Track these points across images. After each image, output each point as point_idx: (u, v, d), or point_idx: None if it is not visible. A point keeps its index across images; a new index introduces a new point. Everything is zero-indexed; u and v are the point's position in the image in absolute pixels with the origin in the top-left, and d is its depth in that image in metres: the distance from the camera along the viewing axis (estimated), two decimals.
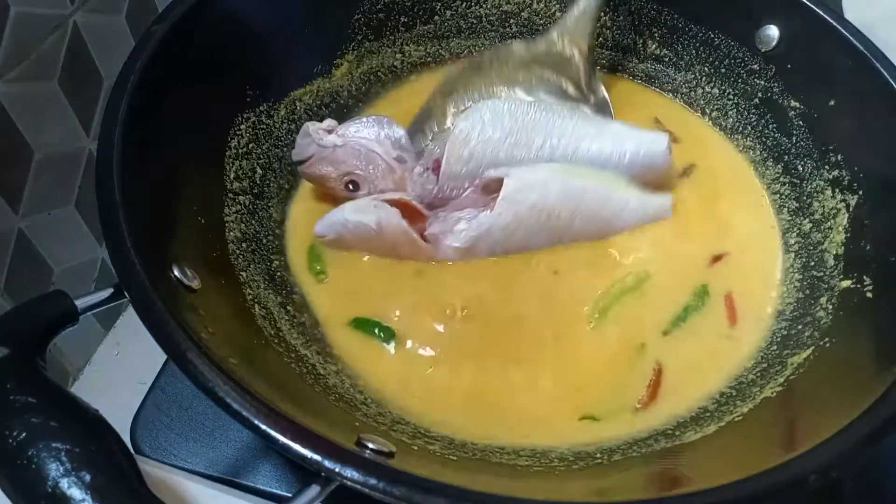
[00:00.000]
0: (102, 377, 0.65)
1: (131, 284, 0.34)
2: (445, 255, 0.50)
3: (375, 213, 0.48)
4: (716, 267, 0.52)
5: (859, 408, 0.34)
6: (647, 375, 0.46)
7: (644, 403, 0.45)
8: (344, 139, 0.50)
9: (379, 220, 0.48)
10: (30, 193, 0.56)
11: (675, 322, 0.49)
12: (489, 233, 0.49)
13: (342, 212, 0.49)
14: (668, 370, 0.47)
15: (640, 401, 0.45)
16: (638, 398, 0.45)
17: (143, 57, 0.43)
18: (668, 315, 0.49)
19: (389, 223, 0.48)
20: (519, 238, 0.49)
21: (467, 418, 0.44)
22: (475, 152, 0.49)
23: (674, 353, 0.48)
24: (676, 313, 0.49)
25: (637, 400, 0.45)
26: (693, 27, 0.62)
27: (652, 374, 0.46)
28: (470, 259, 0.50)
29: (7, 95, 0.51)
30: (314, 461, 0.29)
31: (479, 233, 0.48)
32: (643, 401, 0.45)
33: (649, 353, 0.47)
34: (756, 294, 0.51)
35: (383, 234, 0.48)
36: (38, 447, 0.28)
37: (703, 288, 0.51)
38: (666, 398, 0.46)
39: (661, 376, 0.46)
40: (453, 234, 0.49)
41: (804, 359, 0.45)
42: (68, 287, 0.37)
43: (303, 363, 0.44)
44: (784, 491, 0.31)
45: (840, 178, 0.52)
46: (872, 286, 0.45)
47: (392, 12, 0.63)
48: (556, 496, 0.37)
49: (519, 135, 0.50)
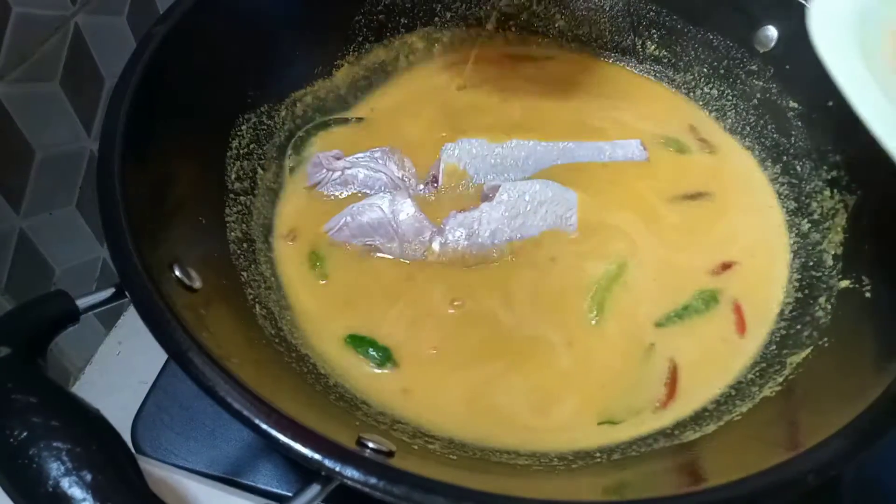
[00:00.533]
0: (103, 377, 0.65)
1: (132, 284, 0.35)
2: (448, 242, 0.50)
3: (389, 198, 0.51)
4: (724, 275, 0.52)
5: (858, 407, 0.34)
6: (661, 374, 0.46)
7: (663, 402, 0.45)
8: (353, 164, 0.55)
9: (393, 204, 0.51)
10: (31, 193, 0.56)
11: (671, 318, 0.49)
12: (490, 218, 0.51)
13: (354, 205, 0.51)
14: (682, 368, 0.47)
15: (659, 399, 0.45)
16: (657, 397, 0.45)
17: (145, 58, 0.43)
18: (664, 310, 0.49)
19: (402, 207, 0.51)
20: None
21: (473, 428, 0.43)
22: (467, 166, 0.55)
23: (683, 350, 0.48)
24: (674, 310, 0.49)
25: (656, 399, 0.45)
26: (692, 28, 0.62)
27: (668, 373, 0.46)
28: (472, 249, 0.50)
29: (8, 96, 0.51)
30: (315, 461, 0.30)
31: (481, 215, 0.51)
32: (662, 399, 0.45)
33: (659, 351, 0.47)
34: (763, 298, 0.51)
35: (396, 219, 0.50)
36: (38, 447, 0.28)
37: (710, 293, 0.50)
38: (683, 396, 0.46)
39: (677, 373, 0.46)
40: (455, 218, 0.51)
41: (803, 358, 0.45)
42: (69, 287, 0.37)
43: (303, 363, 0.44)
44: (783, 490, 0.31)
45: (839, 178, 0.52)
46: (871, 286, 0.46)
47: (392, 14, 0.63)
48: (557, 495, 0.37)
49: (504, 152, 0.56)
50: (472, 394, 0.45)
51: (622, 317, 0.49)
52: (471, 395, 0.45)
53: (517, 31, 0.67)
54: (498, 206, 0.51)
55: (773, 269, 0.52)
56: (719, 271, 0.52)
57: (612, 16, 0.65)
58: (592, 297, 0.49)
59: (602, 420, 0.44)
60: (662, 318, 0.49)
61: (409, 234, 0.50)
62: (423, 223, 0.50)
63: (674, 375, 0.46)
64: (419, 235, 0.50)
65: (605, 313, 0.49)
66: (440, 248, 0.50)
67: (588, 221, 0.53)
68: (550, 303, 0.49)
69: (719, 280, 0.51)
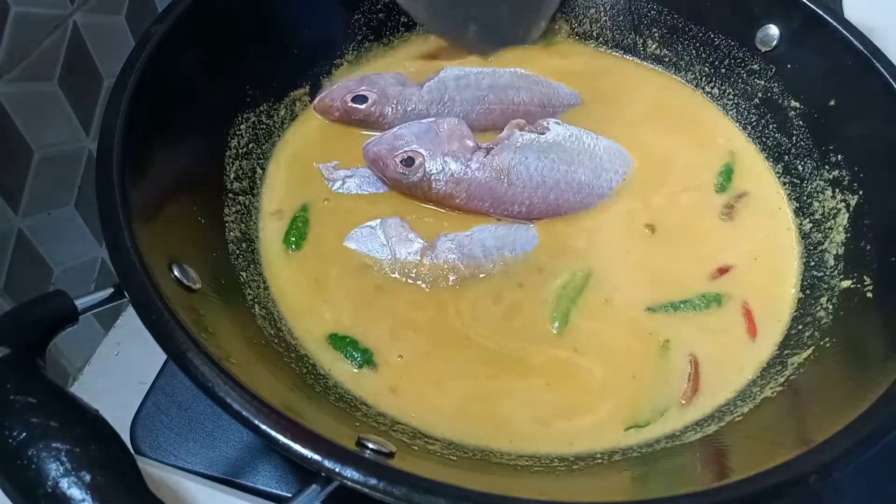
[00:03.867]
0: (102, 377, 0.65)
1: (131, 284, 0.34)
2: (439, 257, 0.49)
3: (379, 221, 0.51)
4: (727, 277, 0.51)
5: (860, 408, 0.34)
6: (681, 371, 0.46)
7: (688, 398, 0.45)
8: (354, 173, 0.55)
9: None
10: (30, 193, 0.56)
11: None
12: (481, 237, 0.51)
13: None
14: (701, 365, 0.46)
15: (684, 395, 0.45)
16: (680, 394, 0.45)
17: (143, 57, 0.43)
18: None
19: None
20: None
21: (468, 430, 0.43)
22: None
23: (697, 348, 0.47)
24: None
25: (681, 395, 0.45)
26: (693, 27, 0.62)
27: (690, 368, 0.46)
28: (462, 262, 0.49)
29: (7, 95, 0.51)
30: (314, 461, 0.29)
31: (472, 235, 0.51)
32: (687, 395, 0.45)
33: (674, 349, 0.47)
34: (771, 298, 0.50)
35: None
36: (38, 447, 0.28)
37: (716, 296, 0.50)
38: (706, 391, 0.45)
39: (699, 368, 0.46)
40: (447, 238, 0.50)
41: (804, 359, 0.45)
42: (68, 287, 0.37)
43: (303, 363, 0.44)
44: (785, 491, 0.31)
45: (840, 178, 0.52)
46: (872, 286, 0.45)
47: (392, 12, 0.63)
48: (557, 496, 0.37)
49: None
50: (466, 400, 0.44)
51: (617, 316, 0.48)
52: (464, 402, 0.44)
53: None
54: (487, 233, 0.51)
55: (783, 268, 0.52)
56: (717, 276, 0.51)
57: (614, 14, 0.65)
58: (555, 309, 0.48)
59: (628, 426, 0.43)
60: (654, 305, 0.49)
61: (400, 249, 0.50)
62: (413, 238, 0.50)
63: (696, 369, 0.46)
64: (408, 249, 0.50)
65: (586, 320, 0.48)
66: (431, 262, 0.49)
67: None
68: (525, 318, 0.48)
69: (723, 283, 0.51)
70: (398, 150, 0.51)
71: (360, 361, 0.45)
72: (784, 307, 0.50)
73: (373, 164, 0.52)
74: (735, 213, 0.54)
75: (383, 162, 0.51)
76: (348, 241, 0.50)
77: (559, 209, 0.53)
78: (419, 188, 0.51)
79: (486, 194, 0.52)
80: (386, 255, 0.49)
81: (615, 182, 0.55)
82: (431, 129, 0.52)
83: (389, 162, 0.51)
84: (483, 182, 0.51)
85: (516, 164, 0.52)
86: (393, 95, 0.57)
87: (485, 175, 0.51)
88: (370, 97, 0.57)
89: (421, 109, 0.57)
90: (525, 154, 0.52)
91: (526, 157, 0.52)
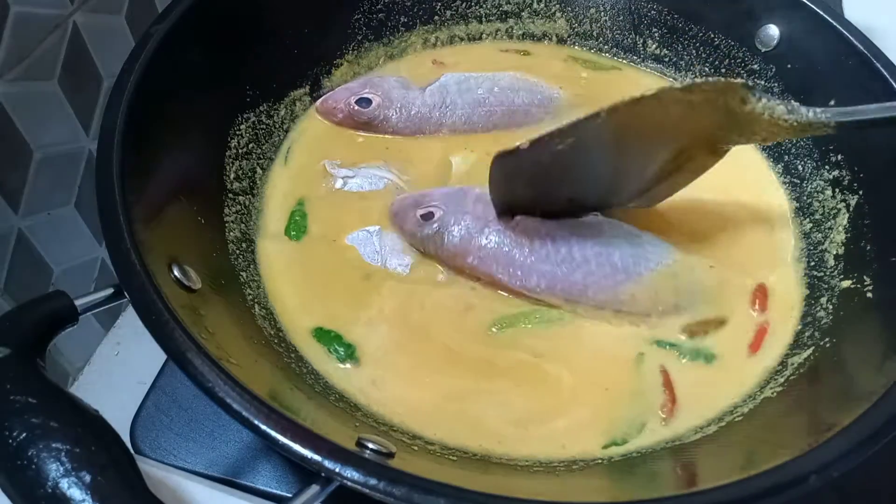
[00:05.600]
0: (102, 377, 0.65)
1: (131, 284, 0.34)
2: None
3: (377, 228, 0.52)
4: None
5: (860, 408, 0.34)
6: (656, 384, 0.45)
7: (668, 411, 0.44)
8: (356, 173, 0.55)
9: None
10: (29, 193, 0.55)
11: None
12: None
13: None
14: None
15: (662, 408, 0.44)
16: (659, 406, 0.44)
17: (143, 57, 0.43)
18: None
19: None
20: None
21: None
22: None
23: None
24: None
25: (659, 407, 0.44)
26: (693, 27, 0.62)
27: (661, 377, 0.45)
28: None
29: (6, 95, 0.51)
30: (314, 461, 0.29)
31: None
32: (667, 408, 0.44)
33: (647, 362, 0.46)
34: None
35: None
36: (38, 447, 0.28)
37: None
38: (685, 404, 0.44)
39: (670, 377, 0.45)
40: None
41: (804, 359, 0.45)
42: (68, 287, 0.37)
43: (303, 363, 0.44)
44: (785, 491, 0.31)
45: (840, 178, 0.52)
46: (873, 286, 0.45)
47: (392, 12, 0.63)
48: (557, 496, 0.37)
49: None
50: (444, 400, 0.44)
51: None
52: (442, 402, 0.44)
53: (517, 29, 0.67)
54: None
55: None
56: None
57: (614, 14, 0.65)
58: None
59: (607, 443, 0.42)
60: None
61: (391, 260, 0.50)
62: (405, 255, 0.50)
63: (667, 376, 0.45)
64: (399, 262, 0.50)
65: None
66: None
67: None
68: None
69: None
70: (421, 205, 0.50)
71: (344, 356, 0.45)
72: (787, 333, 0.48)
73: (395, 216, 0.51)
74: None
75: (405, 213, 0.50)
76: (348, 240, 0.51)
77: (585, 291, 0.47)
78: (432, 242, 0.49)
79: (502, 258, 0.47)
80: (376, 262, 0.50)
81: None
82: (460, 192, 0.51)
83: (410, 214, 0.50)
84: (499, 244, 0.48)
85: (544, 233, 0.48)
86: (397, 98, 0.57)
87: (503, 238, 0.48)
88: (374, 100, 0.57)
89: (424, 113, 0.58)
90: (557, 225, 0.48)
91: (557, 228, 0.48)
